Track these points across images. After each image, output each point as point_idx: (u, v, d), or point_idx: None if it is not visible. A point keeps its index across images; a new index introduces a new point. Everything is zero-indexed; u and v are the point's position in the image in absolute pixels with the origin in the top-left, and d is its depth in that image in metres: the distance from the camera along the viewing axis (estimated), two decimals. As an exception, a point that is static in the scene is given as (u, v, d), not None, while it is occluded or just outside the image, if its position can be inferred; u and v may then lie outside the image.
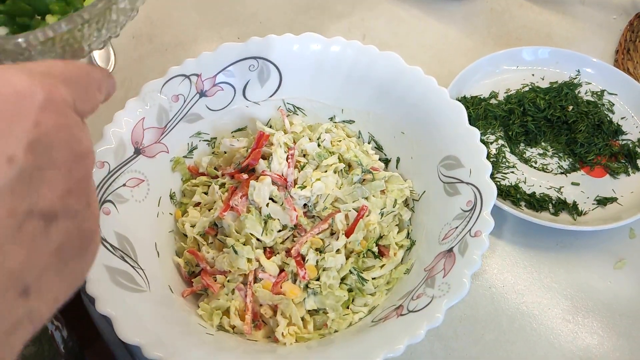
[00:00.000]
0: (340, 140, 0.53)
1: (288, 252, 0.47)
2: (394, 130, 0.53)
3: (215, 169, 0.53)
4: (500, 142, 0.62)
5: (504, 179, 0.58)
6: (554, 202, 0.56)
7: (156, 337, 0.37)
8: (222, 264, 0.46)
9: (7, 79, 0.20)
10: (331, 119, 0.56)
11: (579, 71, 0.67)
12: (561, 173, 0.59)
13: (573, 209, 0.56)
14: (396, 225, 0.50)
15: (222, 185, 0.51)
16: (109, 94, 0.28)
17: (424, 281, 0.42)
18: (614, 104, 0.65)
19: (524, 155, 0.61)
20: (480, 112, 0.63)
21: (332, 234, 0.48)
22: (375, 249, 0.47)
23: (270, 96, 0.55)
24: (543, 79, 0.67)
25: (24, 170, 0.19)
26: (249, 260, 0.45)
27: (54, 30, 0.24)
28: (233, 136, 0.55)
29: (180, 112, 0.51)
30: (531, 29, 0.75)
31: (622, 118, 0.64)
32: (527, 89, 0.66)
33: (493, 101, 0.65)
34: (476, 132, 0.46)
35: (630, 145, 0.61)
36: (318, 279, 0.45)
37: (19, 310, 0.20)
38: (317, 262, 0.45)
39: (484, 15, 0.76)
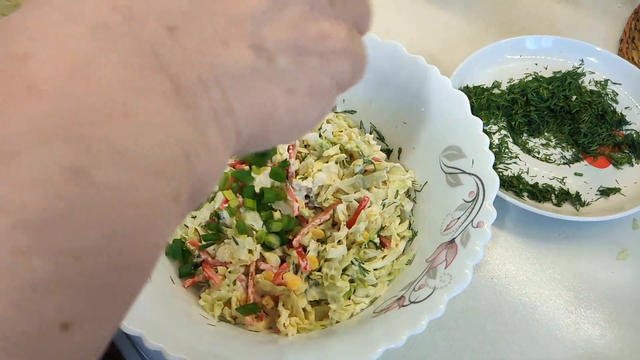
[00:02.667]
0: (341, 131, 0.52)
1: (289, 243, 0.47)
2: (395, 120, 0.52)
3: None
4: (503, 132, 0.61)
5: (506, 170, 0.58)
6: (556, 192, 0.56)
7: (157, 328, 0.37)
8: (223, 255, 0.46)
9: None
10: (332, 108, 0.55)
11: (582, 60, 0.67)
12: (564, 163, 0.59)
13: (576, 200, 0.55)
14: (398, 216, 0.50)
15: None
16: None
17: (426, 272, 0.41)
18: (617, 94, 0.64)
19: (526, 146, 0.60)
20: (482, 102, 0.62)
21: (333, 224, 0.48)
22: (377, 240, 0.47)
23: (271, 86, 0.54)
24: (546, 69, 0.67)
25: None
26: (250, 251, 0.45)
27: None
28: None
29: (180, 102, 0.51)
30: (534, 16, 0.75)
31: (626, 108, 0.63)
32: (530, 78, 0.65)
33: (496, 91, 0.64)
34: (479, 122, 0.46)
35: (634, 136, 0.60)
36: (319, 270, 0.45)
37: (242, 57, 0.18)
38: (318, 253, 0.45)
39: (486, 3, 0.76)
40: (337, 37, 0.20)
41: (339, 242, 0.46)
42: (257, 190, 0.47)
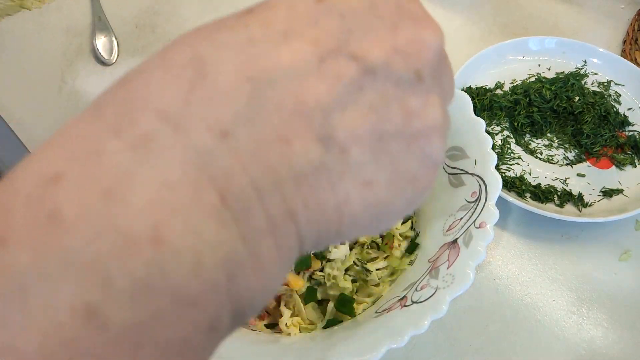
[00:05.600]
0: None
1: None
2: (398, 120, 0.52)
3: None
4: (506, 133, 0.61)
5: (509, 170, 0.58)
6: (559, 193, 0.56)
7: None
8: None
9: None
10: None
11: (585, 61, 0.67)
12: (567, 164, 0.59)
13: (578, 201, 0.55)
14: (400, 216, 0.50)
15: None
16: None
17: (428, 272, 0.42)
18: (620, 95, 0.64)
19: (529, 147, 0.60)
20: (485, 102, 0.62)
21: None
22: (379, 240, 0.47)
23: (274, 86, 0.54)
24: (549, 69, 0.67)
25: (336, 9, 0.16)
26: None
27: None
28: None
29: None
30: (538, 17, 0.74)
31: (628, 109, 0.63)
32: (533, 79, 0.65)
33: (499, 92, 0.64)
34: (481, 123, 0.46)
35: (637, 137, 0.60)
36: (322, 270, 0.45)
37: (310, 151, 0.15)
38: (320, 252, 0.45)
39: (490, 4, 0.76)
40: (427, 114, 0.17)
41: (342, 242, 0.46)
42: None
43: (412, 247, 0.47)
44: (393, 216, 0.18)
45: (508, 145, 0.60)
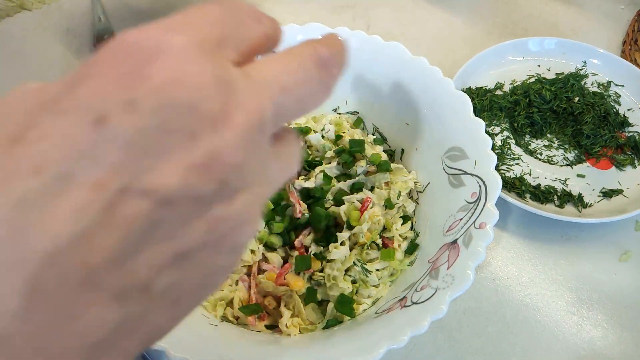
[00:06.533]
0: (344, 132, 0.53)
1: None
2: (398, 121, 0.52)
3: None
4: (506, 133, 0.61)
5: (509, 171, 0.58)
6: (559, 194, 0.56)
7: (160, 328, 0.37)
8: (225, 255, 0.46)
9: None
10: (335, 109, 0.55)
11: (585, 62, 0.67)
12: (566, 165, 0.59)
13: (578, 201, 0.55)
14: (400, 217, 0.50)
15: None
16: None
17: (428, 273, 0.42)
18: (620, 96, 0.64)
19: (529, 147, 0.60)
20: (485, 103, 0.62)
21: (336, 226, 0.48)
22: (379, 241, 0.47)
23: (274, 87, 0.54)
24: (549, 70, 0.67)
25: (119, 135, 0.14)
26: (253, 251, 0.45)
27: None
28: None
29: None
30: (537, 18, 0.75)
31: (628, 110, 0.63)
32: (532, 80, 0.65)
33: (498, 92, 0.64)
34: (481, 123, 0.46)
35: (637, 137, 0.60)
36: (322, 271, 0.45)
37: (106, 316, 0.15)
38: (320, 253, 0.45)
39: (489, 4, 0.76)
40: (233, 214, 0.16)
41: (342, 243, 0.46)
42: None
43: (412, 247, 0.47)
44: (205, 298, 0.18)
45: (508, 146, 0.60)
